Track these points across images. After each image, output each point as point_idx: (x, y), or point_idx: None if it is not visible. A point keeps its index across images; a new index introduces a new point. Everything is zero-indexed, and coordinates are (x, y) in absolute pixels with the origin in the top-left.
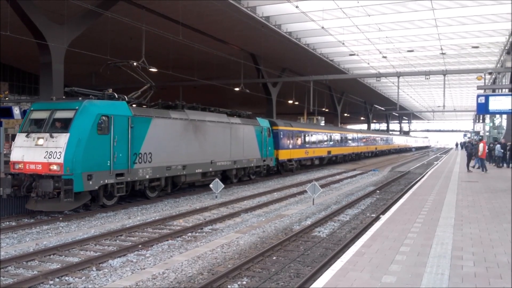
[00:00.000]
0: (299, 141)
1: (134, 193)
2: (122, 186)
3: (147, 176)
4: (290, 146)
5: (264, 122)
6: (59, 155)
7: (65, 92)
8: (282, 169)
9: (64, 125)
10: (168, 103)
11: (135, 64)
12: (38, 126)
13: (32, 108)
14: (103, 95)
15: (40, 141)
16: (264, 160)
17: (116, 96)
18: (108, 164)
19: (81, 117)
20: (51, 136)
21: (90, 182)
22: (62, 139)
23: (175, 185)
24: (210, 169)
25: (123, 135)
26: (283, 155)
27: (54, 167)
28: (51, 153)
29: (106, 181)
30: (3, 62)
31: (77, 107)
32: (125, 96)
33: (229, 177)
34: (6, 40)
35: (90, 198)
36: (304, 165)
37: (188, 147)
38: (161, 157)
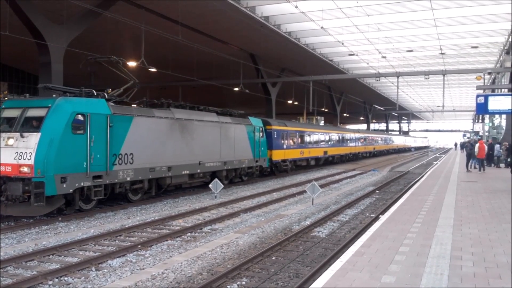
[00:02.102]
0: (294, 141)
1: (115, 196)
2: (100, 189)
3: (128, 178)
4: (285, 146)
5: (256, 122)
6: (30, 156)
7: (40, 90)
8: (276, 170)
9: (36, 124)
10: (153, 101)
11: (116, 59)
12: (9, 125)
13: (3, 106)
14: (81, 92)
15: (10, 141)
16: (256, 161)
17: (95, 93)
18: (84, 166)
19: (54, 116)
20: (22, 136)
21: (64, 185)
22: (33, 139)
23: (160, 187)
24: (198, 171)
25: (101, 135)
26: (277, 155)
27: (25, 169)
28: (21, 154)
29: (82, 183)
30: (3, 62)
31: (49, 105)
32: (105, 94)
33: (219, 178)
34: (6, 40)
35: (64, 202)
36: (299, 166)
37: (174, 148)
38: (143, 158)
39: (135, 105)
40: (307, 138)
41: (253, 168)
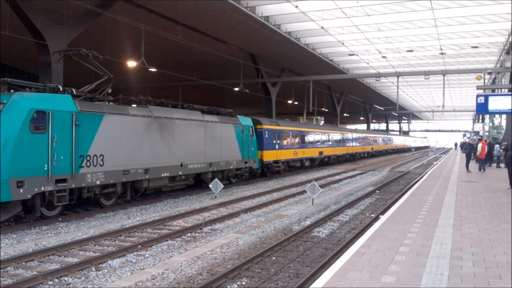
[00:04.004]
0: (287, 141)
1: (87, 201)
2: (64, 194)
3: (98, 182)
4: (277, 147)
5: (245, 121)
6: None
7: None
8: (268, 171)
9: None
10: (130, 98)
11: (86, 52)
12: None
13: None
14: (45, 88)
15: None
16: (246, 162)
17: (61, 89)
18: (46, 169)
19: (9, 113)
20: None
21: (21, 190)
22: None
23: (137, 191)
24: (180, 173)
25: (65, 134)
26: (268, 156)
27: None
28: None
29: (42, 188)
30: (3, 62)
31: (4, 101)
32: (73, 90)
33: (204, 181)
34: (6, 40)
35: (21, 209)
36: (293, 167)
37: (152, 148)
38: (116, 160)
39: (112, 103)
40: (301, 138)
41: (242, 169)
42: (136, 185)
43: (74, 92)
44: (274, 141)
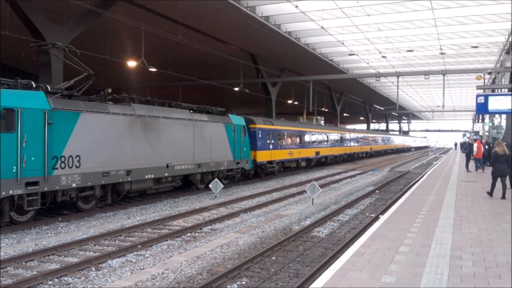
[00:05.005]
0: (281, 141)
1: (63, 205)
2: (36, 197)
3: (74, 185)
4: (271, 147)
5: (238, 120)
6: None
7: None
8: (261, 172)
9: None
10: (113, 96)
11: (62, 46)
12: None
13: None
14: (16, 84)
15: None
16: (237, 163)
17: (34, 85)
18: (14, 171)
19: None
20: None
21: None
22: None
23: (119, 194)
24: (166, 174)
25: (36, 134)
26: (262, 156)
27: None
28: None
29: (11, 192)
30: (3, 62)
31: None
32: (48, 86)
33: (192, 182)
34: (6, 40)
35: None
36: (288, 168)
37: (135, 149)
38: (94, 161)
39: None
40: (297, 138)
41: (234, 170)
42: (118, 187)
43: (49, 89)
44: (268, 141)
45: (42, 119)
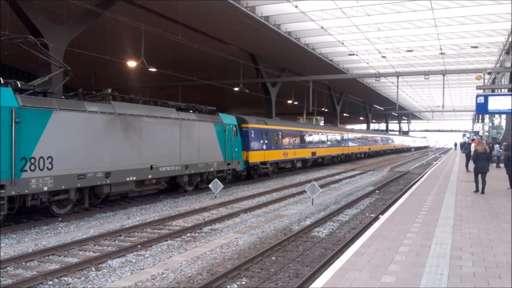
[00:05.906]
0: (276, 141)
1: (36, 209)
2: (2, 202)
3: (45, 188)
4: (264, 147)
5: (229, 119)
6: None
7: None
8: (254, 173)
9: None
10: (92, 93)
11: (34, 40)
12: None
13: None
14: None
15: None
16: (228, 164)
17: (2, 82)
18: None
19: None
20: None
21: None
22: None
23: (98, 197)
24: (150, 176)
25: (2, 133)
26: (255, 157)
27: None
28: None
29: None
30: (3, 62)
31: None
32: (18, 82)
33: (180, 185)
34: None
35: None
36: (283, 169)
37: (115, 150)
38: (68, 163)
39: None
40: (292, 138)
41: (224, 171)
42: (96, 190)
43: (19, 85)
44: (262, 141)
45: (9, 118)
